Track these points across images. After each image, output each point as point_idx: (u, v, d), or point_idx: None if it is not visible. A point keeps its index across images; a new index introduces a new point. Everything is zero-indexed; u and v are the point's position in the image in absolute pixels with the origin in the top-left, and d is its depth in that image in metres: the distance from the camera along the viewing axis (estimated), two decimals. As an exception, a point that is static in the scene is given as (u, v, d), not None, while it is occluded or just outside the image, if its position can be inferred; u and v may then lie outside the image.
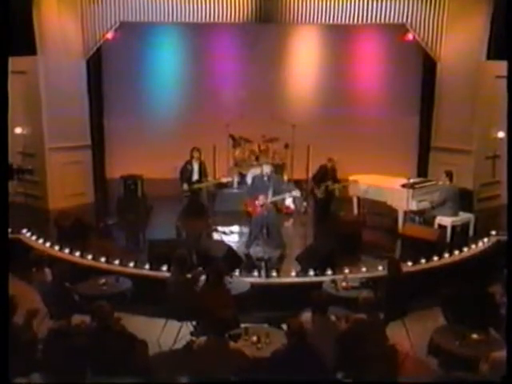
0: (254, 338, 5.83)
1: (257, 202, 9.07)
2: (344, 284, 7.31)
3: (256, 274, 8.29)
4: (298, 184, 12.19)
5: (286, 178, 11.99)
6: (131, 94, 13.25)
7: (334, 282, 7.42)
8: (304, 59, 13.49)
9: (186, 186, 10.42)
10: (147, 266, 8.45)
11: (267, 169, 9.26)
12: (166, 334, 7.05)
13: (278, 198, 9.07)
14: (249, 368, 5.15)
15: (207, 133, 12.20)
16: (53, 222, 10.19)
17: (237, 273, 8.12)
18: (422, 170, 12.66)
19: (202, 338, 5.39)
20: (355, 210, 11.23)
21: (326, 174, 10.69)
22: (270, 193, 8.96)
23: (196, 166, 10.51)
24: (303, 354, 5.10)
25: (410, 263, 8.66)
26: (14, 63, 7.95)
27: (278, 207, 11.26)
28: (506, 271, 6.74)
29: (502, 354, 5.16)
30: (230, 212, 11.10)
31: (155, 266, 8.34)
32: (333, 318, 5.96)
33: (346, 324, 5.97)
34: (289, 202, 11.60)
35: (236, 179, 12.23)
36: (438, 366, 6.08)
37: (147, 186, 12.17)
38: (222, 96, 13.24)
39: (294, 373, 4.98)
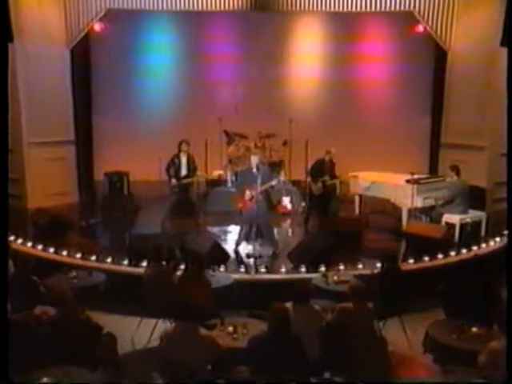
0: (230, 329, 5.79)
1: (245, 196, 8.98)
2: (335, 278, 7.26)
3: (243, 270, 8.29)
4: (296, 184, 12.17)
5: (283, 176, 11.89)
6: (121, 88, 13.44)
7: (325, 275, 7.37)
8: (304, 51, 13.61)
9: (174, 181, 10.37)
10: (126, 262, 8.39)
11: (255, 160, 9.17)
12: (141, 332, 6.98)
13: (265, 186, 8.98)
14: (221, 356, 5.05)
15: (199, 127, 12.29)
16: (29, 219, 10.16)
17: (222, 268, 8.05)
18: (434, 168, 12.57)
19: (171, 326, 5.29)
20: (357, 210, 11.10)
21: (323, 168, 10.55)
22: (259, 184, 8.86)
23: (184, 160, 10.49)
24: (285, 343, 5.00)
25: (411, 261, 8.57)
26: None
27: (274, 205, 11.27)
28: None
29: (501, 344, 5.02)
30: (223, 212, 11.01)
31: (134, 262, 8.27)
32: (317, 307, 5.83)
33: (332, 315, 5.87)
34: (286, 201, 11.56)
35: (230, 178, 12.17)
36: (433, 361, 5.93)
37: (137, 186, 12.19)
38: (216, 89, 13.37)
39: (273, 362, 4.87)
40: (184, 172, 10.47)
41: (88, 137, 13.12)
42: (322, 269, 7.94)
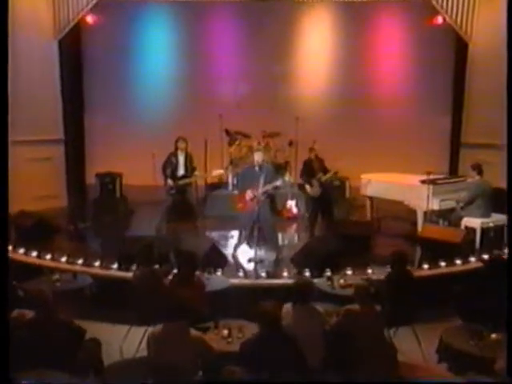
0: (225, 332, 5.80)
1: (246, 196, 8.94)
2: (342, 281, 7.22)
3: (242, 274, 8.32)
4: (303, 188, 12.10)
5: (288, 176, 11.85)
6: (115, 84, 13.50)
7: (330, 279, 7.33)
8: (313, 44, 13.66)
9: (171, 182, 10.31)
10: (115, 266, 8.38)
11: (258, 157, 9.13)
12: (130, 340, 6.95)
13: (268, 187, 8.93)
14: (212, 359, 5.03)
15: (198, 125, 12.27)
16: (12, 223, 10.13)
17: (219, 272, 8.05)
18: (454, 170, 12.52)
19: (158, 327, 5.23)
20: (368, 214, 11.02)
21: (312, 167, 10.34)
22: (261, 183, 8.82)
23: (181, 159, 10.41)
24: (278, 345, 4.95)
25: (426, 266, 8.51)
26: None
27: (279, 209, 11.20)
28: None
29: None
30: (223, 217, 10.96)
31: (125, 266, 8.22)
32: (319, 309, 5.77)
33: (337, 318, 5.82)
34: (291, 204, 11.51)
35: (231, 180, 12.12)
36: (448, 369, 5.85)
37: (131, 189, 12.18)
38: (216, 84, 13.43)
39: (268, 366, 4.80)
40: (181, 172, 10.40)
41: (79, 135, 13.16)
42: (328, 273, 7.85)
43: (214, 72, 13.55)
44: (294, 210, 11.56)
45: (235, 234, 9.94)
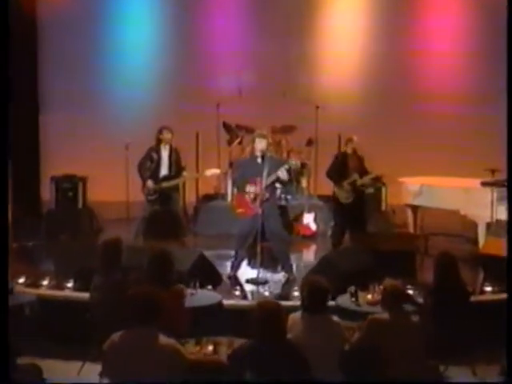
0: (210, 348, 5.82)
1: (247, 196, 8.89)
2: (369, 297, 7.23)
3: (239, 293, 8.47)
4: (323, 199, 12.09)
5: (305, 184, 11.84)
6: (81, 68, 13.55)
7: (354, 294, 7.30)
8: (340, 19, 13.81)
9: (151, 184, 10.24)
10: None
11: (261, 145, 9.06)
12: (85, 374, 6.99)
13: (272, 178, 8.87)
14: (186, 372, 4.96)
15: (189, 117, 12.54)
16: None
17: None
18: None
19: (119, 333, 5.14)
20: (411, 229, 10.97)
21: (347, 165, 10.28)
22: (265, 177, 8.78)
23: (165, 155, 10.38)
24: (278, 355, 4.87)
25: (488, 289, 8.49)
26: None
27: (292, 225, 11.33)
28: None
29: None
30: (221, 235, 10.94)
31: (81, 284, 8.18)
32: (336, 318, 5.71)
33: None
34: (309, 219, 11.50)
35: (230, 188, 12.07)
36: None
37: (103, 205, 12.21)
38: (214, 67, 13.53)
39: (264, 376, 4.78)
40: (165, 172, 10.36)
41: (31, 132, 13.23)
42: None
43: (211, 52, 13.62)
44: (313, 226, 11.56)
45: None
